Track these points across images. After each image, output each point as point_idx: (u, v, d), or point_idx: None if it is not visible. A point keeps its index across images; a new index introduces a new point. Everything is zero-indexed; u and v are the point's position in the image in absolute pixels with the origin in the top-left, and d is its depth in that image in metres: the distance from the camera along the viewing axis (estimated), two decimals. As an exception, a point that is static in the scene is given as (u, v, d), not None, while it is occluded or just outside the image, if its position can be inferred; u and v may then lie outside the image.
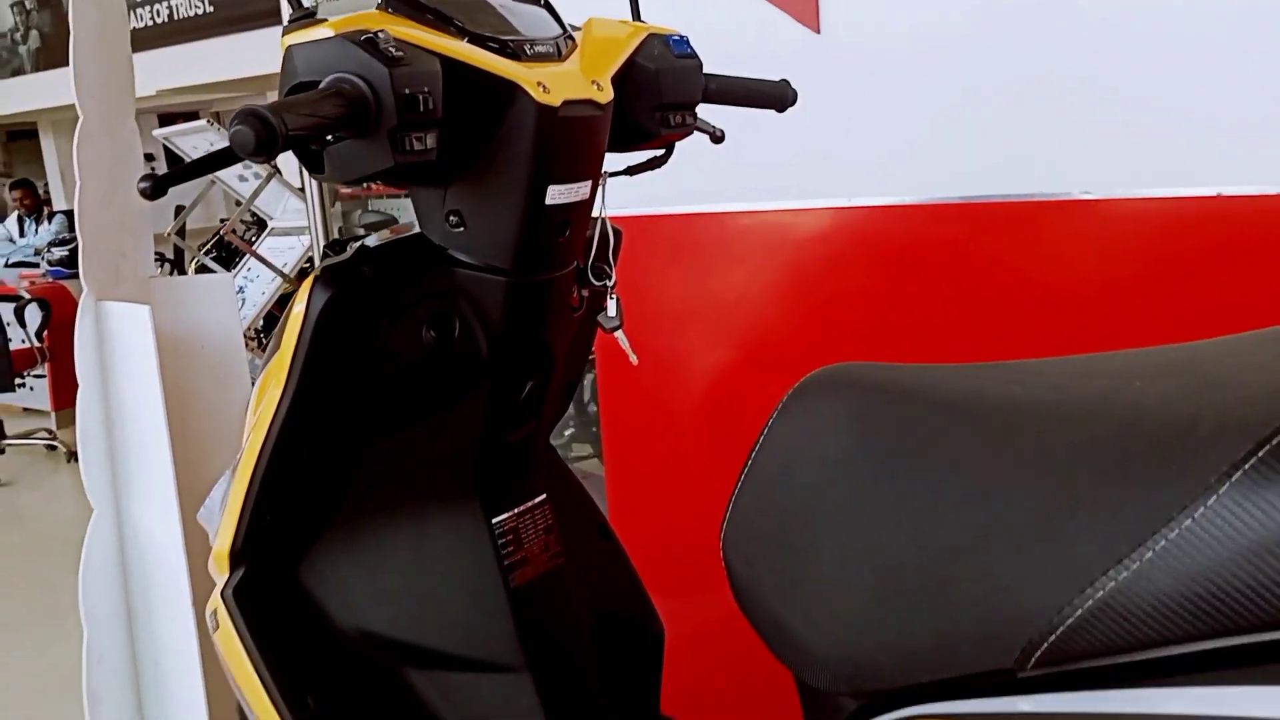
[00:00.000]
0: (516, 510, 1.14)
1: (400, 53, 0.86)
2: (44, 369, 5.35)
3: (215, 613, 1.09)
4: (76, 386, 2.03)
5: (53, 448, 5.41)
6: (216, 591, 1.09)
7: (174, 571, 1.85)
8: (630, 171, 1.18)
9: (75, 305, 5.82)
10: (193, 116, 6.48)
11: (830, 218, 1.79)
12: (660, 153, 1.19)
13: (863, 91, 1.74)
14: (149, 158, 5.99)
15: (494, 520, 1.12)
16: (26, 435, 5.47)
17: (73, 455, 5.28)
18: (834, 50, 1.75)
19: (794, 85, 1.24)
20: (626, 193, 1.18)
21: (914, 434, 0.76)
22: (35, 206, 7.11)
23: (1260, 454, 0.56)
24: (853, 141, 1.77)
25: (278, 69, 0.90)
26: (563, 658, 1.16)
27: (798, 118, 1.29)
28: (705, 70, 1.14)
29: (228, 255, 5.22)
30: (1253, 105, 1.44)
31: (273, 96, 0.92)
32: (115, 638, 1.89)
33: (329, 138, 0.88)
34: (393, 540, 1.11)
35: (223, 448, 1.93)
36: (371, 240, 1.04)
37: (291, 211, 4.56)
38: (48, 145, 11.79)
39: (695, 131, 1.17)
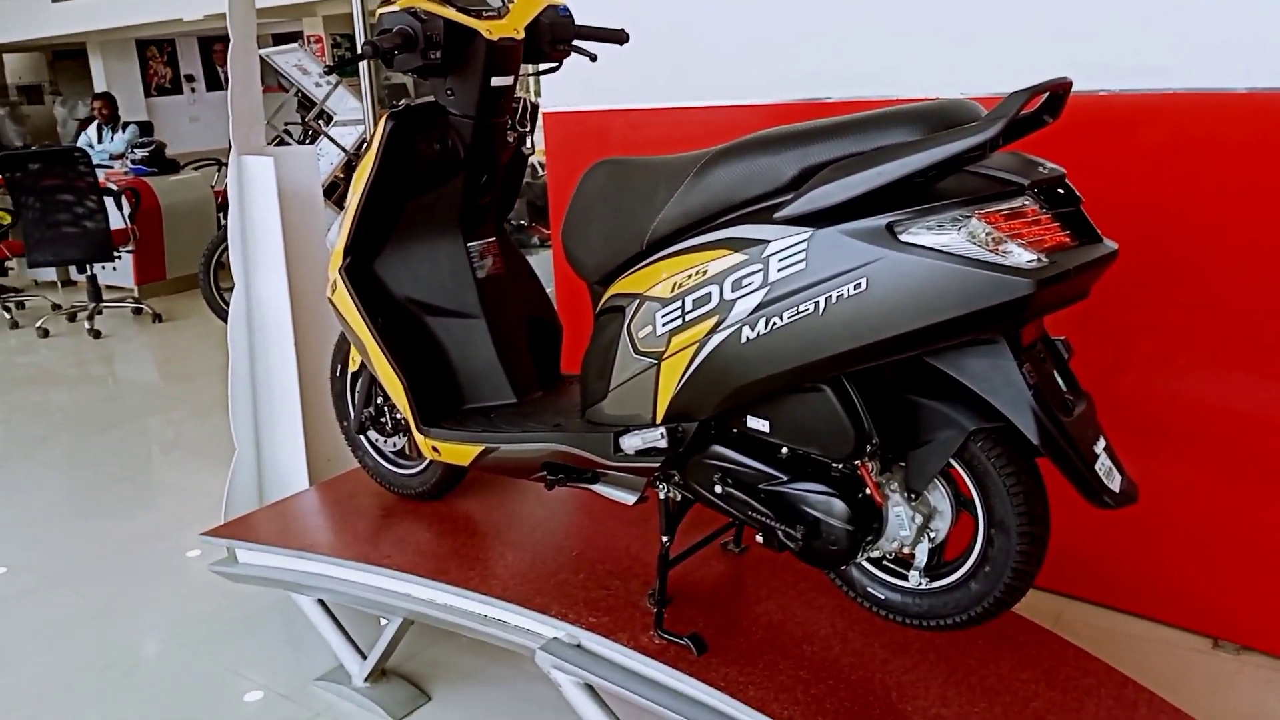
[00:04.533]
0: (480, 241, 2.31)
1: (426, 16, 2.00)
2: (132, 246, 6.56)
3: (334, 282, 2.27)
4: (157, 264, 2.91)
5: (139, 310, 6.64)
6: (334, 271, 2.26)
7: (283, 324, 3.01)
8: (538, 73, 2.34)
9: (156, 197, 7.13)
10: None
11: (714, 114, 2.90)
12: (555, 65, 2.32)
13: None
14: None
15: (469, 244, 2.28)
16: (119, 300, 6.71)
17: (158, 318, 6.50)
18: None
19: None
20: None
21: (626, 176, 1.90)
22: (112, 116, 8.26)
23: (697, 167, 1.71)
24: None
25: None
26: (503, 317, 2.32)
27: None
28: (577, 23, 2.27)
29: (303, 142, 6.60)
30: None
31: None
32: (245, 365, 3.06)
33: (396, 52, 2.03)
34: (419, 250, 2.28)
35: (314, 251, 3.07)
36: (414, 104, 2.20)
37: (349, 109, 6.06)
38: (96, 64, 12.91)
39: (574, 54, 2.30)
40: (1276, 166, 2.16)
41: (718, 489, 1.79)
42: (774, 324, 1.58)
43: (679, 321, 1.71)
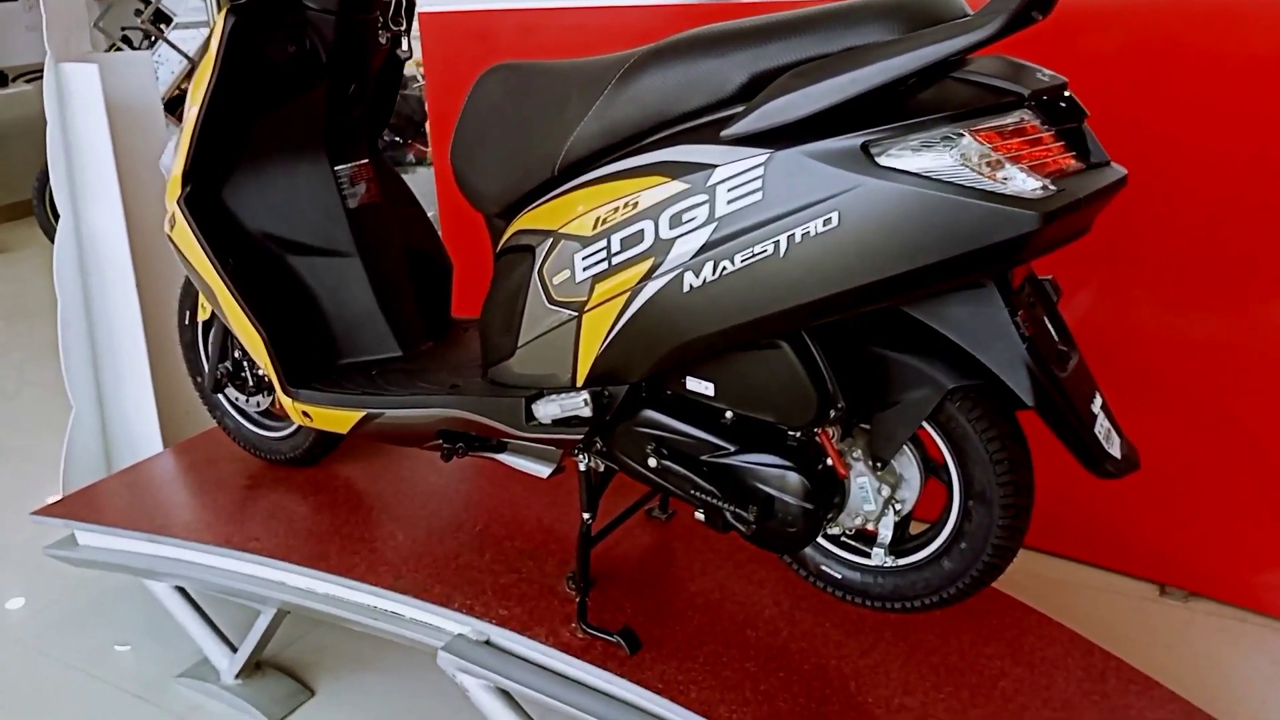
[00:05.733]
0: (350, 164, 1.94)
1: None
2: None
3: (173, 215, 1.87)
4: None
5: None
6: (172, 202, 1.86)
7: (120, 258, 2.59)
8: (416, -38, 1.95)
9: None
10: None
11: (619, 15, 2.53)
12: None
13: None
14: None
15: (336, 168, 1.91)
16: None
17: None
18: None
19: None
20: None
21: (529, 84, 1.56)
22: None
23: (620, 72, 1.38)
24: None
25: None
26: (381, 254, 1.97)
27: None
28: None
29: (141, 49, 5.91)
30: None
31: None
32: (78, 309, 2.63)
33: None
34: (277, 176, 1.89)
35: (153, 174, 2.63)
36: (258, -6, 1.80)
37: (191, 9, 5.41)
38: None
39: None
40: (1241, 72, 1.95)
41: (652, 462, 1.51)
42: (723, 269, 1.29)
43: (604, 265, 1.40)
